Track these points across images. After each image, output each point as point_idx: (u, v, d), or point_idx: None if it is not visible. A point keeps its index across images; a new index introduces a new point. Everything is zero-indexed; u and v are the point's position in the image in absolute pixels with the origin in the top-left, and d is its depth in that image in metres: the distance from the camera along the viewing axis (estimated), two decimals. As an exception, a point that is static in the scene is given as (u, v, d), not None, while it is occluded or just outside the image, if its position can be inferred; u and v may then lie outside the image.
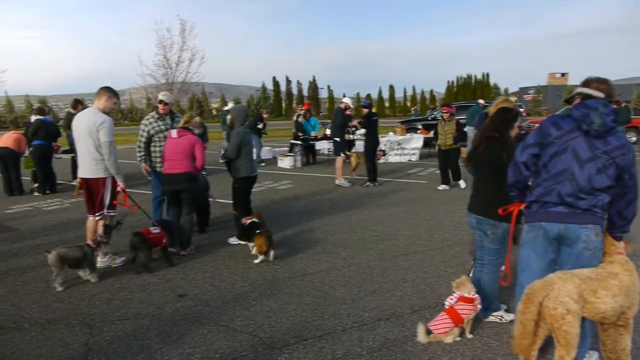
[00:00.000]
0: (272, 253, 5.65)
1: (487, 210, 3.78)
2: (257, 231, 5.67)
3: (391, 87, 70.44)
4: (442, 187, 10.35)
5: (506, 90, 73.46)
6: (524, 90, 66.92)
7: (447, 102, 37.43)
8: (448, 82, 72.31)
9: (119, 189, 5.44)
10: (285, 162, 14.60)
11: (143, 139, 6.39)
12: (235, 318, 4.12)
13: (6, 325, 4.05)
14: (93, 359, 3.47)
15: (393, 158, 15.72)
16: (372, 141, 10.77)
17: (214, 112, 56.00)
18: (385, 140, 15.47)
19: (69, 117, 10.80)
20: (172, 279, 5.10)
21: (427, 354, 3.50)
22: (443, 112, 10.46)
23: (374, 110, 11.19)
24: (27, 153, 10.64)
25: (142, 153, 6.42)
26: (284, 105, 71.12)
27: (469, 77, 71.81)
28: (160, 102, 6.38)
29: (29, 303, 4.52)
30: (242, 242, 6.10)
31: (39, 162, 10.38)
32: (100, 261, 5.40)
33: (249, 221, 5.86)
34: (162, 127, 6.36)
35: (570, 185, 2.96)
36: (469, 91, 66.74)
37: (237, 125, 6.17)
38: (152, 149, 6.40)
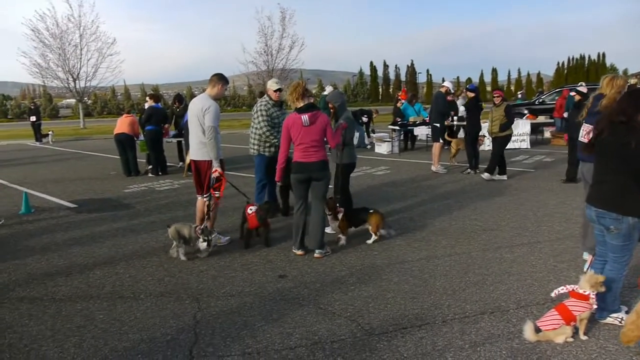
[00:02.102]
0: (382, 231, 5.83)
1: (610, 202, 3.45)
2: (371, 210, 5.82)
3: (494, 70, 67.29)
4: (497, 176, 9.69)
5: (625, 71, 67.04)
6: (646, 71, 60.61)
7: (557, 85, 34.81)
8: (558, 63, 67.65)
9: (216, 173, 5.48)
10: (382, 148, 14.46)
11: (267, 122, 6.47)
12: (334, 302, 4.15)
13: (125, 295, 4.41)
14: (200, 332, 3.67)
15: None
16: (474, 127, 10.34)
17: (311, 98, 56.95)
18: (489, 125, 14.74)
19: (171, 111, 12.54)
20: (272, 260, 5.25)
21: (535, 353, 3.29)
22: (494, 96, 9.92)
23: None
24: (141, 137, 11.51)
25: (272, 130, 6.46)
26: (380, 90, 70.52)
27: (582, 57, 66.53)
28: (279, 90, 6.54)
29: (144, 276, 4.88)
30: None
31: (152, 146, 11.21)
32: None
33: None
34: (278, 113, 6.56)
35: None
36: (582, 73, 61.76)
37: (341, 112, 6.19)
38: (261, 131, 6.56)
